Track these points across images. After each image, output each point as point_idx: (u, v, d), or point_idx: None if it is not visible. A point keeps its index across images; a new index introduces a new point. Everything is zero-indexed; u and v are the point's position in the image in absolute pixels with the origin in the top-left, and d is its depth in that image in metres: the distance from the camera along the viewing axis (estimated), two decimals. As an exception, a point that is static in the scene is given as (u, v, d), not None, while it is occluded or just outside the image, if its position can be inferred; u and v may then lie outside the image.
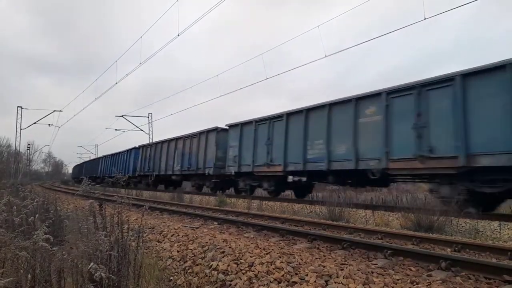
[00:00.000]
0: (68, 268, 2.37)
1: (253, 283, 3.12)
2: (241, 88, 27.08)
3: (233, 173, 14.38)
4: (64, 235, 4.27)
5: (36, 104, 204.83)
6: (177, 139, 19.35)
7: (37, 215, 3.48)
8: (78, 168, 52.39)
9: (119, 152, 29.48)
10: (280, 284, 3.02)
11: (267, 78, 13.86)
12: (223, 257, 3.75)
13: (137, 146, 25.92)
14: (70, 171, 69.78)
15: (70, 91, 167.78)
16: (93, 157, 50.18)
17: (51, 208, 5.20)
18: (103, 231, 2.67)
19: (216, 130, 15.90)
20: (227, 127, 15.43)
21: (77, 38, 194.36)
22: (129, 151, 27.05)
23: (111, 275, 2.22)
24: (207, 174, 15.94)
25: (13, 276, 2.16)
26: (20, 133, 36.66)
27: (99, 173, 33.48)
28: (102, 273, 2.05)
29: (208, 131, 16.47)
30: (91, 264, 2.12)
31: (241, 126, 14.20)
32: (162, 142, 21.18)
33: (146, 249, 4.59)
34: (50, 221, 3.27)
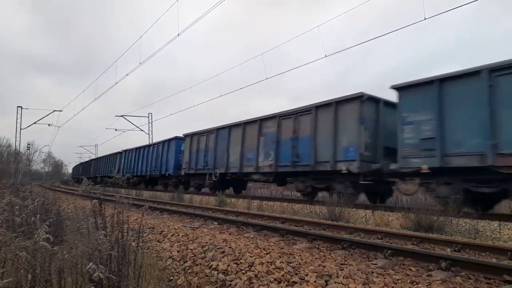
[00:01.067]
0: (68, 268, 2.38)
1: (253, 283, 3.13)
2: (241, 88, 27.16)
3: (426, 170, 8.24)
4: (65, 235, 4.27)
5: (36, 104, 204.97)
6: (261, 120, 13.27)
7: (38, 215, 3.48)
8: (82, 166, 48.32)
9: (150, 145, 23.96)
10: (280, 284, 3.03)
11: (267, 78, 13.78)
12: (223, 257, 3.75)
13: (181, 135, 19.63)
14: (70, 171, 69.83)
15: (70, 91, 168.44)
16: (93, 157, 49.91)
17: (51, 208, 5.20)
18: (103, 231, 2.67)
19: (359, 98, 9.81)
20: (382, 97, 10.07)
21: (77, 38, 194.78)
22: (166, 142, 21.04)
23: (111, 275, 2.22)
24: (344, 171, 9.91)
25: (14, 276, 2.16)
26: (20, 133, 36.71)
27: (119, 172, 27.55)
28: (100, 274, 2.05)
29: (338, 102, 10.40)
30: (90, 264, 2.12)
31: (441, 83, 8.15)
32: (231, 126, 14.99)
33: (146, 249, 4.59)
34: (51, 220, 3.27)
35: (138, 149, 25.45)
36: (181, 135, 19.53)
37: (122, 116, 34.16)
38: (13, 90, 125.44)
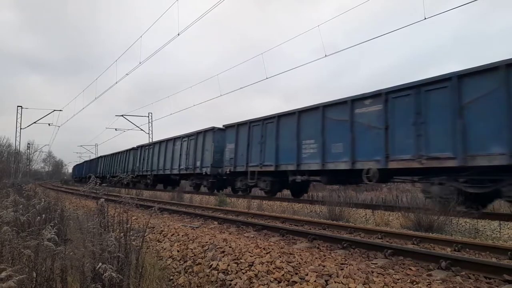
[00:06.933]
0: (72, 267, 2.39)
1: (253, 282, 3.13)
2: (240, 88, 27.18)
3: None
4: (65, 234, 4.28)
5: (31, 102, 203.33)
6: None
7: (43, 215, 3.50)
8: (87, 165, 43.51)
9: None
10: (280, 284, 3.03)
11: (267, 78, 13.72)
12: (223, 257, 3.76)
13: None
14: (70, 170, 69.90)
15: (64, 89, 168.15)
16: (93, 156, 49.71)
17: (54, 208, 5.22)
18: (106, 231, 2.68)
19: None
20: None
21: (66, 34, 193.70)
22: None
23: (118, 274, 2.23)
24: None
25: (22, 274, 2.16)
26: (20, 133, 36.73)
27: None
28: (112, 273, 2.05)
29: None
30: (100, 264, 2.13)
31: None
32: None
33: (147, 249, 4.60)
34: (56, 221, 3.28)
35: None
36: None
37: (122, 115, 34.23)
38: (8, 89, 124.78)
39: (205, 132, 16.58)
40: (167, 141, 20.47)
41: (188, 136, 18.04)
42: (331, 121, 10.61)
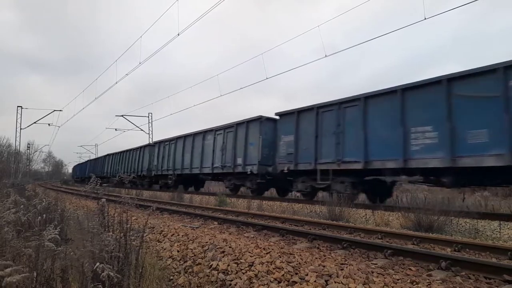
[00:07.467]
0: (73, 267, 2.38)
1: (253, 282, 3.13)
2: (241, 88, 27.21)
3: None
4: (65, 234, 4.28)
5: (31, 102, 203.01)
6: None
7: (44, 215, 3.50)
8: (90, 164, 41.40)
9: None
10: (280, 284, 3.03)
11: (267, 78, 13.70)
12: (223, 257, 3.76)
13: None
14: (70, 170, 69.95)
15: (63, 89, 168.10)
16: (93, 156, 49.65)
17: (54, 209, 5.22)
18: (109, 232, 2.68)
19: None
20: None
21: (70, 36, 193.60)
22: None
23: (117, 274, 2.23)
24: None
25: (22, 273, 2.17)
26: (20, 133, 36.74)
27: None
28: (110, 273, 2.05)
29: None
30: (97, 264, 2.12)
31: None
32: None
33: (147, 249, 4.59)
34: (57, 221, 3.28)
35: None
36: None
37: (122, 116, 34.21)
38: (8, 89, 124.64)
39: (248, 122, 13.83)
40: (194, 135, 17.65)
41: (224, 128, 15.23)
42: (464, 98, 7.75)
